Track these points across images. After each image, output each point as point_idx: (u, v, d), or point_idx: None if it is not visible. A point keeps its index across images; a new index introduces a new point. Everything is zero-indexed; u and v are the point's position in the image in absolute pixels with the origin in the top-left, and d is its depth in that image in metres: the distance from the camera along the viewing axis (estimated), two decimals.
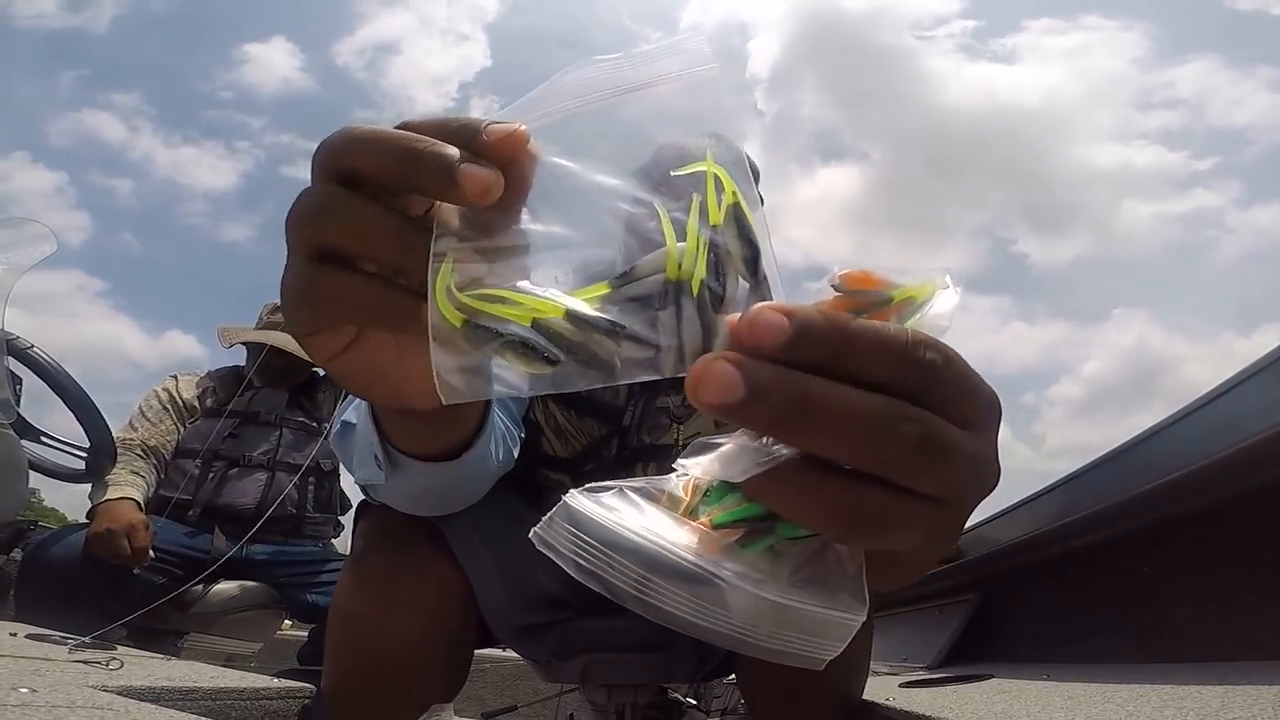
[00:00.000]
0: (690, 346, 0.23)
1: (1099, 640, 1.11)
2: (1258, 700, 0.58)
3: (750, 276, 0.24)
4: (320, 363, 0.31)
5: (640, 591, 0.23)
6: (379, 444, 0.50)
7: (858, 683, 0.81)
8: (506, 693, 2.50)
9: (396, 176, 0.26)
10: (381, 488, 0.59)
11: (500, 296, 0.24)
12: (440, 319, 0.23)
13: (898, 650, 1.71)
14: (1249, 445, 0.82)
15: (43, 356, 1.59)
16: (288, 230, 0.28)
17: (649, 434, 0.89)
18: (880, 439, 0.22)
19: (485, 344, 0.23)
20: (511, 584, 0.81)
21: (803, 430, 0.21)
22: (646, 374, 0.23)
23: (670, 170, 0.25)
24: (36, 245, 1.50)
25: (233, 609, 1.87)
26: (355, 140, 0.27)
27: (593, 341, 0.23)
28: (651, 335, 0.23)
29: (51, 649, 0.86)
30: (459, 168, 0.24)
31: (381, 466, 0.52)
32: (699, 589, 0.23)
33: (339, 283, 0.27)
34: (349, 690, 0.74)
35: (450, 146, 0.25)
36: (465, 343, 0.23)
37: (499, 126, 0.25)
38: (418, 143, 0.25)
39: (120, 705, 0.58)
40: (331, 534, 2.08)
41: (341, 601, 0.77)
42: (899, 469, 0.22)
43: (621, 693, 0.98)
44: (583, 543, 0.24)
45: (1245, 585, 0.85)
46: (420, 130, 0.26)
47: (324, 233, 0.27)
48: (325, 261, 0.27)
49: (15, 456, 1.42)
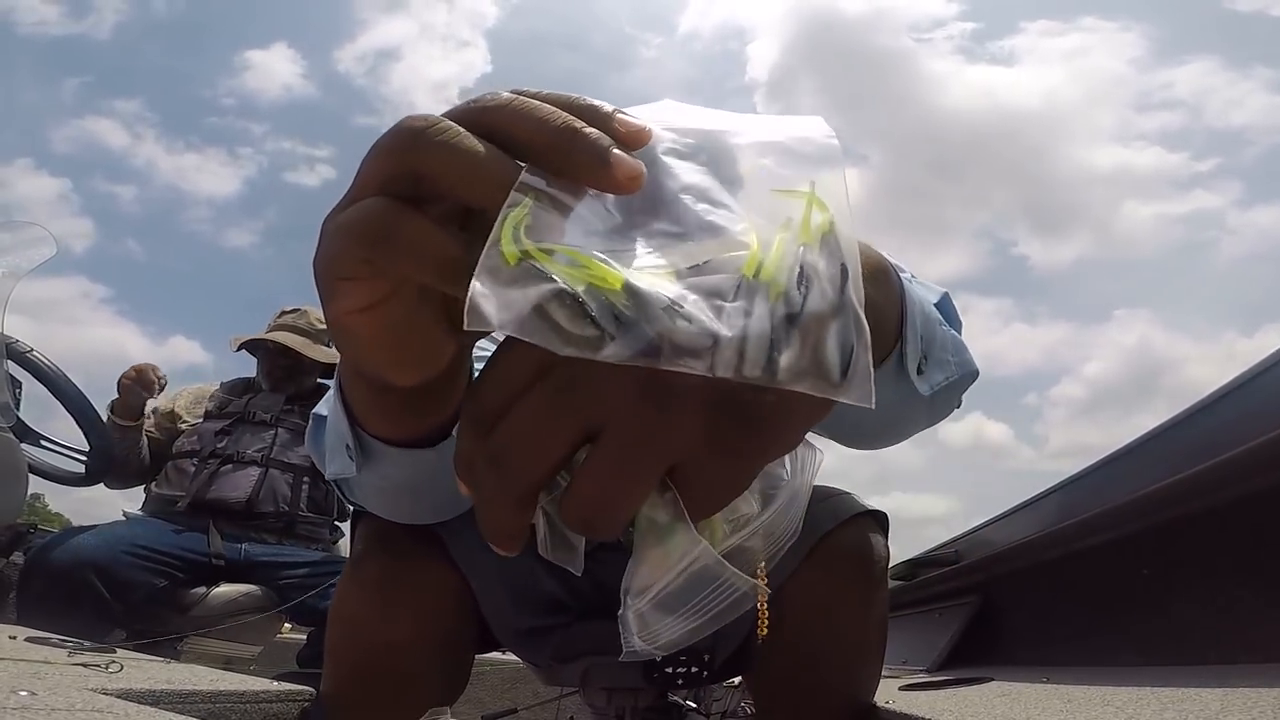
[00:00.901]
0: (753, 348, 0.21)
1: (1099, 643, 1.11)
2: (1258, 703, 0.58)
3: (836, 296, 0.22)
4: (337, 313, 0.28)
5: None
6: (349, 431, 0.47)
7: (870, 687, 0.81)
8: (506, 695, 2.49)
9: (547, 149, 0.24)
10: (354, 481, 0.55)
11: (565, 254, 0.21)
12: (497, 250, 0.21)
13: (898, 653, 1.71)
14: (1249, 449, 0.82)
15: (42, 360, 1.59)
16: (375, 158, 0.26)
17: None
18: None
19: (537, 286, 0.21)
20: (512, 586, 0.81)
21: None
22: (695, 364, 0.20)
23: (769, 189, 0.24)
24: (36, 249, 1.50)
25: (232, 612, 1.87)
26: (517, 108, 0.25)
27: (645, 318, 0.20)
28: (713, 323, 0.20)
29: (51, 652, 0.86)
30: (612, 151, 0.23)
31: (353, 456, 0.49)
32: None
33: (422, 227, 0.25)
34: (348, 693, 0.74)
35: (599, 131, 0.24)
36: (514, 281, 0.21)
37: (630, 120, 0.25)
38: (575, 121, 0.24)
39: (120, 708, 0.58)
40: (329, 537, 2.08)
41: (341, 604, 0.77)
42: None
43: (622, 696, 0.97)
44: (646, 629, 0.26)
45: (1245, 588, 0.85)
46: (549, 101, 0.25)
47: (427, 162, 0.25)
48: (407, 202, 0.25)
49: (15, 460, 1.42)
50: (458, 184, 0.24)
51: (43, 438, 1.66)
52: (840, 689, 0.78)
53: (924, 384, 0.47)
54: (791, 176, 0.25)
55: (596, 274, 0.21)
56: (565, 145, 0.24)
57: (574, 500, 0.23)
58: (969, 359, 0.52)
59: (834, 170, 0.25)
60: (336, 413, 0.48)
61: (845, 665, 0.78)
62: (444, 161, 0.24)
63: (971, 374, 0.53)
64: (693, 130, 0.26)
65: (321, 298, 0.28)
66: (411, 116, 0.26)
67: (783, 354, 0.21)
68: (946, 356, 0.50)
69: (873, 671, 0.81)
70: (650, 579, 0.25)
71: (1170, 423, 1.03)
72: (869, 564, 0.78)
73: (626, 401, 0.22)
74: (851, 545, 0.77)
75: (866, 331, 0.22)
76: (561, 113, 0.25)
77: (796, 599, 0.77)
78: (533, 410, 0.22)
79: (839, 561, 0.76)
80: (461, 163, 0.24)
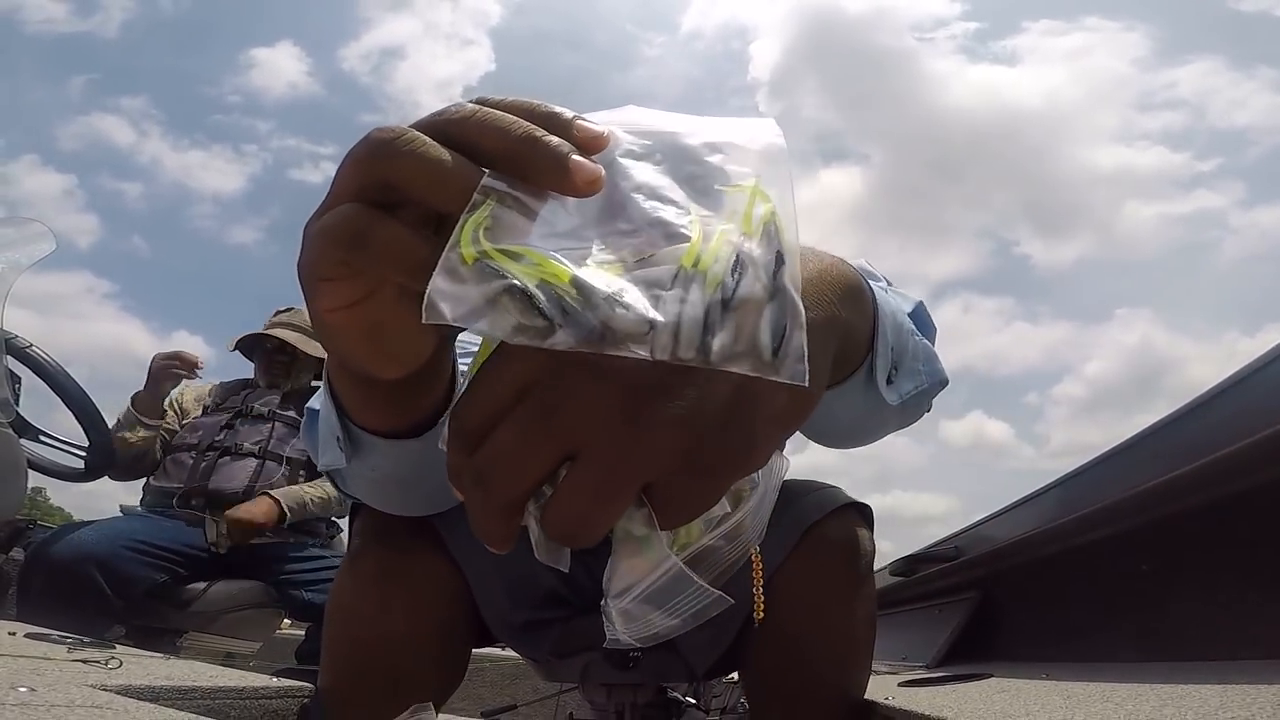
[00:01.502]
0: (686, 332, 0.22)
1: (1098, 639, 1.11)
2: (1257, 699, 0.58)
3: (770, 282, 0.24)
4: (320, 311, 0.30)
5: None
6: (338, 423, 0.49)
7: (861, 681, 0.81)
8: (506, 691, 2.50)
9: (510, 156, 0.26)
10: (345, 472, 0.56)
11: (519, 254, 0.23)
12: (456, 251, 0.23)
13: (897, 649, 1.71)
14: (1249, 444, 0.82)
15: (41, 355, 1.59)
16: (348, 167, 0.27)
17: None
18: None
19: (490, 283, 0.23)
20: (509, 580, 0.81)
21: None
22: (637, 348, 0.22)
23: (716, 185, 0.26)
24: (36, 244, 1.50)
25: (232, 608, 1.87)
26: (480, 119, 0.26)
27: (589, 307, 0.22)
28: (649, 310, 0.22)
29: (51, 648, 0.86)
30: (570, 158, 0.25)
31: (342, 448, 0.51)
32: None
33: (393, 231, 0.26)
34: (346, 687, 0.74)
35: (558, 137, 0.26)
36: (470, 279, 0.23)
37: (589, 126, 0.26)
38: (536, 130, 0.26)
39: (119, 704, 0.58)
40: (326, 532, 2.09)
41: (338, 599, 0.77)
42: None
43: (621, 692, 0.98)
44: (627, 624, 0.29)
45: (1245, 584, 0.85)
46: (511, 110, 0.27)
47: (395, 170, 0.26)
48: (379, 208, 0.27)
49: (14, 455, 1.42)
50: (424, 190, 0.26)
51: (42, 433, 1.66)
52: (830, 683, 0.78)
53: (893, 394, 0.49)
54: (739, 173, 0.26)
55: (548, 270, 0.23)
56: (526, 153, 0.25)
57: (554, 515, 0.24)
58: (939, 368, 0.55)
59: (779, 166, 0.27)
60: (327, 406, 0.50)
61: (834, 659, 0.78)
62: (411, 169, 0.26)
63: (941, 382, 0.55)
64: (650, 132, 0.28)
65: (305, 297, 0.29)
66: (381, 128, 0.27)
67: (716, 337, 0.23)
68: (917, 366, 0.52)
69: (862, 665, 0.81)
70: (628, 582, 0.27)
71: (1170, 418, 1.03)
72: (854, 558, 0.78)
73: (604, 426, 0.23)
74: (836, 539, 0.77)
75: (801, 314, 0.24)
76: (523, 121, 0.26)
77: (783, 594, 0.77)
78: (513, 433, 0.24)
79: (824, 556, 0.77)
80: (427, 170, 0.26)
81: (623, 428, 0.23)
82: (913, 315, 0.54)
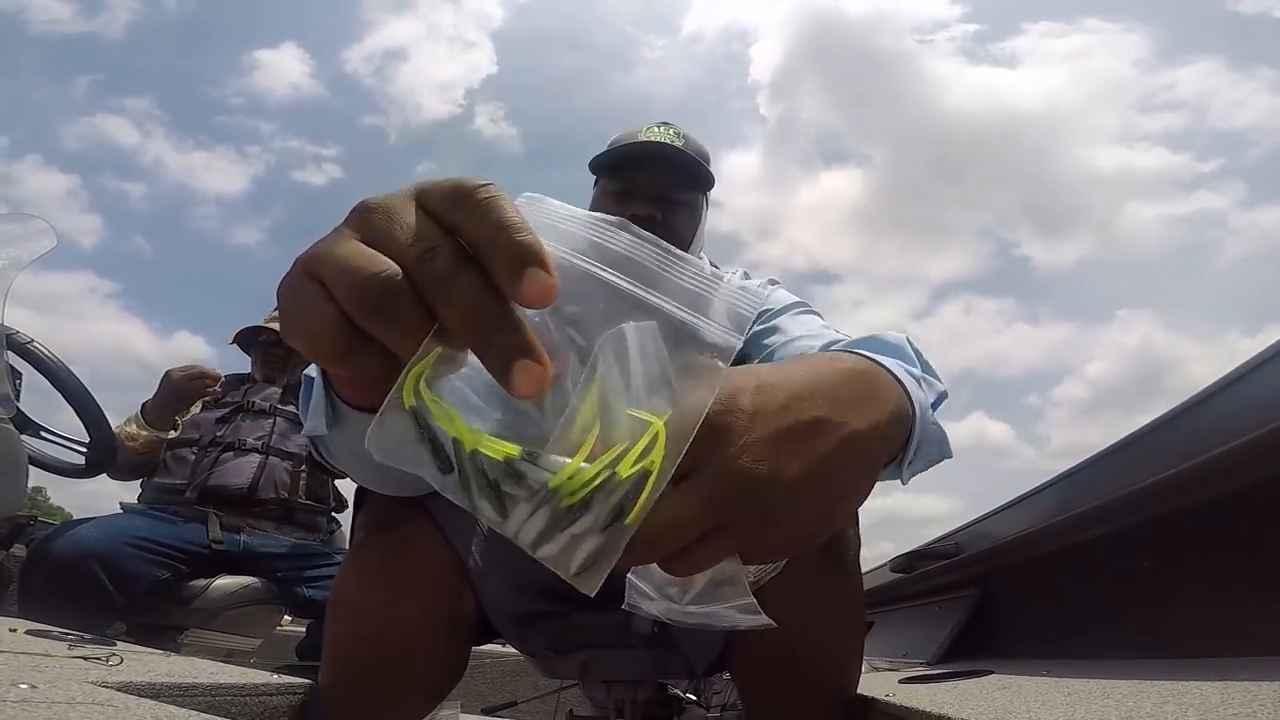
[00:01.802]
0: (525, 536, 0.30)
1: (1099, 636, 1.11)
2: (1258, 696, 0.58)
3: (604, 523, 0.30)
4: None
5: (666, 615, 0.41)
6: (324, 393, 0.53)
7: (851, 676, 0.81)
8: (506, 688, 2.50)
9: (468, 339, 0.28)
10: (327, 439, 0.59)
11: (449, 412, 0.29)
12: (398, 394, 0.29)
13: (898, 646, 1.71)
14: (1250, 440, 0.82)
15: (42, 351, 1.58)
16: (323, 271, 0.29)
17: None
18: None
19: (413, 428, 0.29)
20: (510, 572, 0.81)
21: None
22: (495, 527, 0.30)
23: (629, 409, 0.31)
24: (36, 241, 1.49)
25: (232, 604, 1.87)
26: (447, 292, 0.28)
27: (474, 478, 0.30)
28: (500, 513, 0.30)
29: (51, 645, 0.86)
30: (515, 364, 0.27)
31: (326, 417, 0.54)
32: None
33: (376, 358, 0.29)
34: (348, 681, 0.74)
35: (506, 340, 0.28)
36: (402, 420, 0.29)
37: (540, 283, 0.27)
38: (488, 329, 0.28)
39: (120, 701, 0.58)
40: (326, 527, 2.10)
41: (341, 592, 0.77)
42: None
43: (621, 689, 0.98)
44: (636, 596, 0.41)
45: (1246, 581, 0.85)
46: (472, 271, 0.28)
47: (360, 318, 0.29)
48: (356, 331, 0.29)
49: (15, 451, 1.42)
50: (384, 338, 0.28)
51: (43, 429, 1.65)
52: (819, 678, 0.78)
53: (907, 474, 0.56)
54: (658, 404, 0.32)
55: (461, 432, 0.29)
56: (478, 347, 0.28)
57: (686, 564, 0.34)
58: (947, 447, 0.61)
59: (709, 381, 0.33)
60: (318, 376, 0.54)
61: (822, 655, 0.78)
62: (378, 324, 0.28)
63: (944, 457, 0.62)
64: (608, 288, 0.33)
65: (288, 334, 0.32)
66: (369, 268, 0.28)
67: (541, 546, 0.30)
68: (930, 450, 0.58)
69: (852, 660, 0.81)
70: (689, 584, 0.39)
71: (1170, 415, 1.03)
72: (839, 553, 0.78)
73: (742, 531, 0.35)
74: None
75: (619, 551, 0.30)
76: (481, 306, 0.27)
77: (767, 590, 0.77)
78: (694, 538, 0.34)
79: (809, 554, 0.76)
80: (399, 330, 0.28)
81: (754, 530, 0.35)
82: (934, 404, 0.62)
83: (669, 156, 1.05)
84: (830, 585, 0.77)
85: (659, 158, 1.05)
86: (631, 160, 1.07)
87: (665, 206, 1.04)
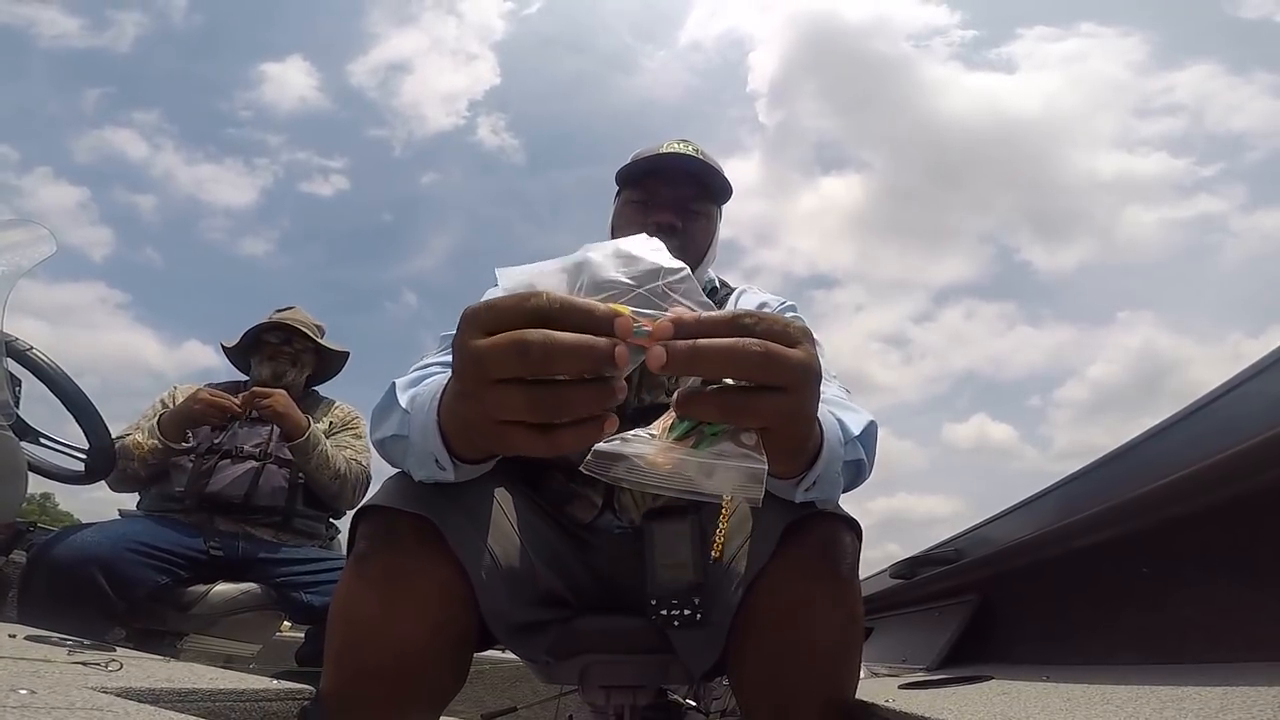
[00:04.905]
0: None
1: (1099, 641, 1.11)
2: (1258, 702, 0.58)
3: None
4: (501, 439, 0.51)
5: (637, 476, 0.48)
6: (444, 453, 0.69)
7: (848, 683, 0.80)
8: (506, 694, 2.50)
9: (590, 370, 0.46)
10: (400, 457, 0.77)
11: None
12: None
13: (897, 651, 1.71)
14: (1250, 446, 0.82)
15: (42, 358, 1.58)
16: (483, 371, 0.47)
17: (649, 393, 1.03)
18: (737, 360, 0.47)
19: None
20: (511, 581, 0.81)
21: (696, 368, 0.47)
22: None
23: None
24: (36, 247, 1.50)
25: (231, 610, 1.87)
26: (555, 352, 0.45)
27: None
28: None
29: (51, 650, 0.86)
30: (617, 351, 0.45)
31: (444, 466, 0.70)
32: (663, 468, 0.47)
33: (522, 435, 0.49)
34: (349, 691, 0.74)
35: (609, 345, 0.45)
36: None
37: (621, 321, 0.46)
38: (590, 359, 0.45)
39: (119, 707, 0.58)
40: (325, 534, 2.09)
41: (342, 602, 0.77)
42: (754, 373, 0.47)
43: (620, 694, 0.97)
44: (604, 460, 0.48)
45: (1246, 586, 0.85)
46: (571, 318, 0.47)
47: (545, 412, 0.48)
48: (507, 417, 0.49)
49: (14, 458, 1.42)
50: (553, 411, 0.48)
51: (42, 435, 1.65)
52: (816, 684, 0.77)
53: (799, 494, 0.71)
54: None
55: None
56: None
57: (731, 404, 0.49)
58: (838, 494, 0.77)
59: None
60: (429, 435, 0.68)
61: (818, 661, 0.78)
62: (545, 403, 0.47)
63: (833, 499, 0.77)
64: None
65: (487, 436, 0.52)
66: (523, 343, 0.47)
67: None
68: (832, 487, 0.73)
69: (849, 667, 0.81)
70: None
71: (1171, 420, 1.03)
72: (837, 559, 0.78)
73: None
74: (817, 541, 0.77)
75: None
76: (582, 349, 0.45)
77: (765, 595, 0.77)
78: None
79: (806, 561, 0.76)
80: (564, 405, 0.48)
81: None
82: (863, 434, 0.78)
83: (689, 168, 1.15)
84: (827, 592, 0.77)
85: (679, 169, 1.15)
86: (654, 171, 1.15)
87: (684, 215, 1.13)
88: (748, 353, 0.46)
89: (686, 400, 0.48)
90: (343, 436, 2.13)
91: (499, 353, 0.46)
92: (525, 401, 0.46)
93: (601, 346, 0.45)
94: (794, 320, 0.51)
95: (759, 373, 0.47)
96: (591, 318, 0.46)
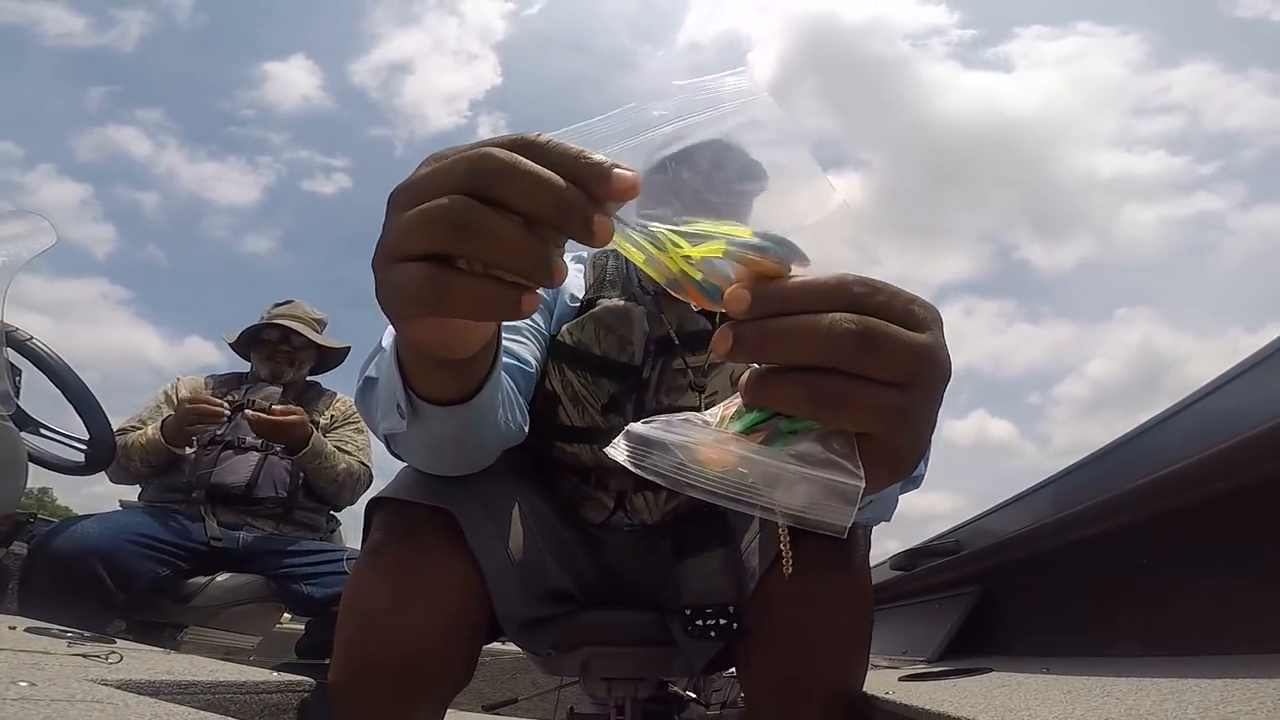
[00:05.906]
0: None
1: (1099, 633, 1.11)
2: (1258, 693, 0.58)
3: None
4: (406, 334, 0.43)
5: (677, 473, 0.33)
6: (403, 392, 0.58)
7: (857, 676, 0.80)
8: (506, 686, 2.51)
9: (545, 217, 0.32)
10: (401, 437, 0.66)
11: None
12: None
13: (897, 643, 1.71)
14: (1249, 437, 0.82)
15: (42, 348, 1.58)
16: (402, 235, 0.34)
17: (667, 395, 0.93)
18: (823, 340, 0.32)
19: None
20: (524, 577, 0.81)
21: (770, 352, 0.33)
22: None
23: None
24: (36, 238, 1.49)
25: (232, 602, 1.87)
26: (509, 173, 0.32)
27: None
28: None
29: (51, 642, 0.86)
30: (594, 218, 0.32)
31: (404, 415, 0.60)
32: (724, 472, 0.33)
33: (465, 286, 0.33)
34: (360, 682, 0.74)
35: (584, 201, 0.32)
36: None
37: (624, 176, 0.32)
38: (565, 200, 0.32)
39: (119, 699, 0.58)
40: (326, 526, 2.09)
41: (356, 593, 0.77)
42: (847, 359, 0.32)
43: (622, 686, 0.98)
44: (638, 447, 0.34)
45: (1246, 578, 0.85)
46: (553, 158, 0.33)
47: (457, 242, 0.33)
48: (442, 264, 0.34)
49: (14, 449, 1.42)
50: (493, 258, 0.33)
51: (42, 426, 1.65)
52: (824, 678, 0.78)
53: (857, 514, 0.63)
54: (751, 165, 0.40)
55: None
56: (558, 217, 0.32)
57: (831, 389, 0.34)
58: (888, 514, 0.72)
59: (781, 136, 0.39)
60: (391, 377, 0.59)
61: (828, 655, 0.78)
62: (476, 243, 0.33)
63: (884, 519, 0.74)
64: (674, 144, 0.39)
65: (388, 284, 0.36)
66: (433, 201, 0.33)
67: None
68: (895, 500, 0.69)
69: (858, 661, 0.81)
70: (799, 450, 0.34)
71: (1170, 411, 1.02)
72: (849, 551, 0.78)
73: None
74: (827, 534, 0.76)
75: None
76: (552, 185, 0.32)
77: (776, 592, 0.77)
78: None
79: (817, 553, 0.76)
80: (494, 243, 0.33)
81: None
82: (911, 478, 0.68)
83: None
84: (840, 583, 0.77)
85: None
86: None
87: None
88: (842, 333, 0.32)
89: (760, 382, 0.33)
90: (344, 431, 2.13)
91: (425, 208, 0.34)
92: (440, 214, 0.33)
93: (573, 194, 0.32)
94: (918, 298, 0.36)
95: (870, 361, 0.32)
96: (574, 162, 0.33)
